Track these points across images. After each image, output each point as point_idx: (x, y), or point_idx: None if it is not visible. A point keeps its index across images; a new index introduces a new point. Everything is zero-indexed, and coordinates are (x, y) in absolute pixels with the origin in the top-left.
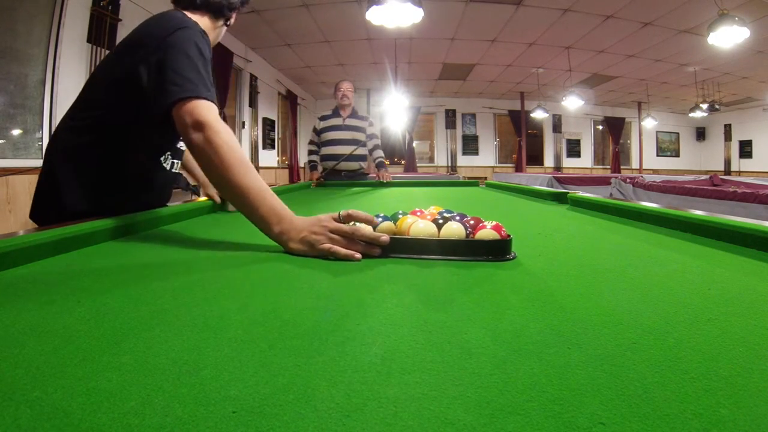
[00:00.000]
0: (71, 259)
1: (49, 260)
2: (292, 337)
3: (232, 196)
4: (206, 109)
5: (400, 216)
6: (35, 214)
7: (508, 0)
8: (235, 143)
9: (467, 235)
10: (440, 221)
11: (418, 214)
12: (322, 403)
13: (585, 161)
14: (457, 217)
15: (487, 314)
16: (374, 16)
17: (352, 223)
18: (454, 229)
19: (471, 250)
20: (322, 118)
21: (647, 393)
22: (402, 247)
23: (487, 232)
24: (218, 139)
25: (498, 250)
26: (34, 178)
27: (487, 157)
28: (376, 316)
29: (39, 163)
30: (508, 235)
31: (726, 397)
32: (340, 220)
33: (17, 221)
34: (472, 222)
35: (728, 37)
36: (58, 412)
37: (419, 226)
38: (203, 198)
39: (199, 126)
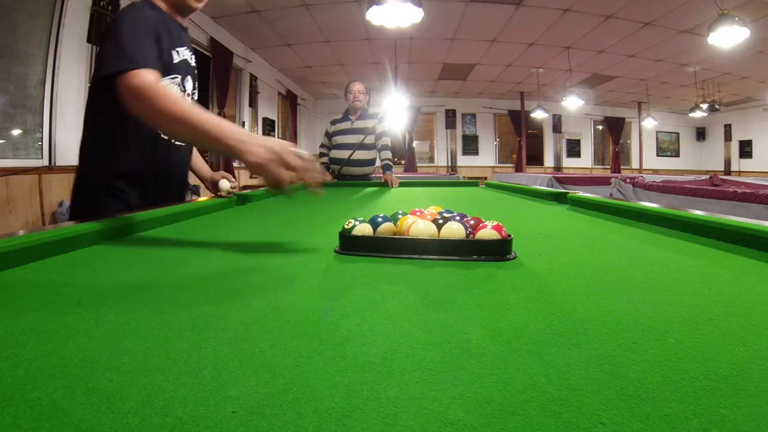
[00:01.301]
0: (72, 259)
1: (49, 260)
2: (292, 337)
3: (188, 135)
4: (136, 77)
5: (400, 216)
6: (74, 212)
7: (508, 0)
8: (170, 95)
9: (467, 235)
10: (440, 221)
11: (418, 214)
12: (322, 403)
13: (585, 161)
14: (457, 217)
15: (487, 314)
16: (374, 16)
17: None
18: (454, 230)
19: (471, 250)
20: (333, 122)
21: (647, 393)
22: (402, 247)
23: (487, 232)
24: (152, 100)
25: (498, 250)
26: (34, 178)
27: (487, 157)
28: (376, 316)
29: (39, 163)
30: (509, 235)
31: (726, 397)
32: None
33: (17, 221)
34: (472, 222)
35: (728, 37)
36: (58, 412)
37: (419, 226)
38: (203, 198)
39: (132, 95)
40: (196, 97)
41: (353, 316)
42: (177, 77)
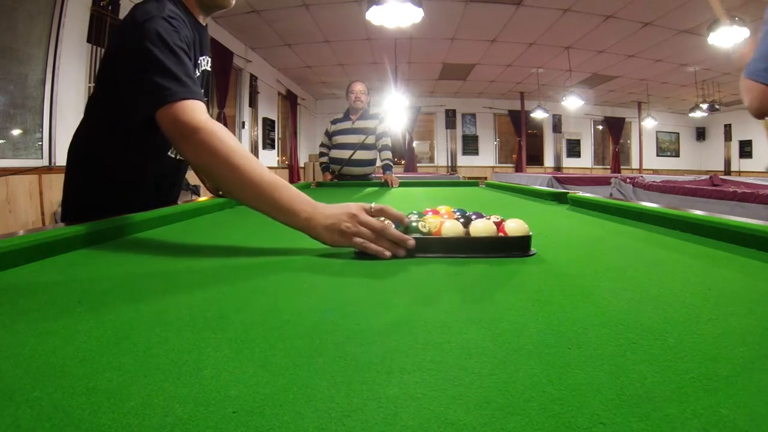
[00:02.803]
0: (71, 259)
1: (49, 260)
2: (292, 337)
3: (246, 198)
4: (190, 112)
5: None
6: (65, 217)
7: (508, 0)
8: (233, 141)
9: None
10: (461, 220)
11: (429, 214)
12: (322, 403)
13: (585, 161)
14: (474, 217)
15: (487, 314)
16: (374, 16)
17: (383, 219)
18: (479, 228)
19: (495, 247)
20: (334, 122)
21: (647, 393)
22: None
23: (511, 228)
24: (213, 142)
25: (521, 246)
26: (34, 179)
27: (487, 157)
28: (376, 316)
29: (39, 163)
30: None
31: (726, 397)
32: (371, 212)
33: (17, 221)
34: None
35: (728, 37)
36: (58, 412)
37: (447, 225)
38: (204, 198)
39: (187, 133)
40: None
41: (353, 316)
42: None
